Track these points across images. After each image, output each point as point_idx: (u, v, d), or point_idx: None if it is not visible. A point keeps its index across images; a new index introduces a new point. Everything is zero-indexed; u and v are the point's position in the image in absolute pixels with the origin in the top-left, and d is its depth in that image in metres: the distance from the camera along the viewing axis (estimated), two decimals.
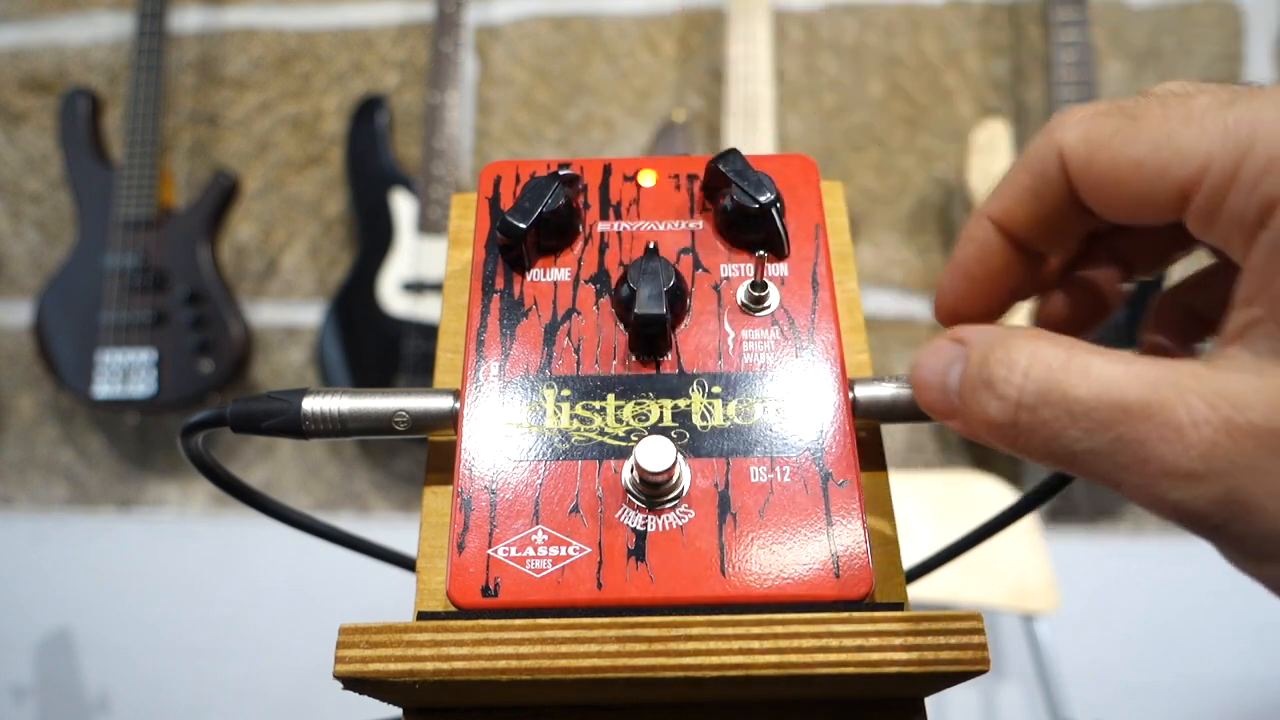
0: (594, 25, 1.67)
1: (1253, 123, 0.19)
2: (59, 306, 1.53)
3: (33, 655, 1.55)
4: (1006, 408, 0.22)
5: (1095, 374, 0.20)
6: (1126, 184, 0.21)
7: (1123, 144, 0.21)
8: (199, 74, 1.72)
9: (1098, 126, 0.21)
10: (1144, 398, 0.19)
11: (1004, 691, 1.43)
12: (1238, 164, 0.19)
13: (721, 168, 0.31)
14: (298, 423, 0.29)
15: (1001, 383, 0.22)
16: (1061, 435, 0.20)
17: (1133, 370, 0.19)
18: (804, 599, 0.25)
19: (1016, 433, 0.22)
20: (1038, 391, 0.21)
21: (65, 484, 1.66)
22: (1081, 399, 0.20)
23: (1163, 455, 0.18)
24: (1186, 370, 0.19)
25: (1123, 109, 0.21)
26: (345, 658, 0.24)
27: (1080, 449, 0.20)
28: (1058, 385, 0.20)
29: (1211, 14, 1.57)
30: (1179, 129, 0.20)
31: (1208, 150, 0.19)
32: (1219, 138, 0.19)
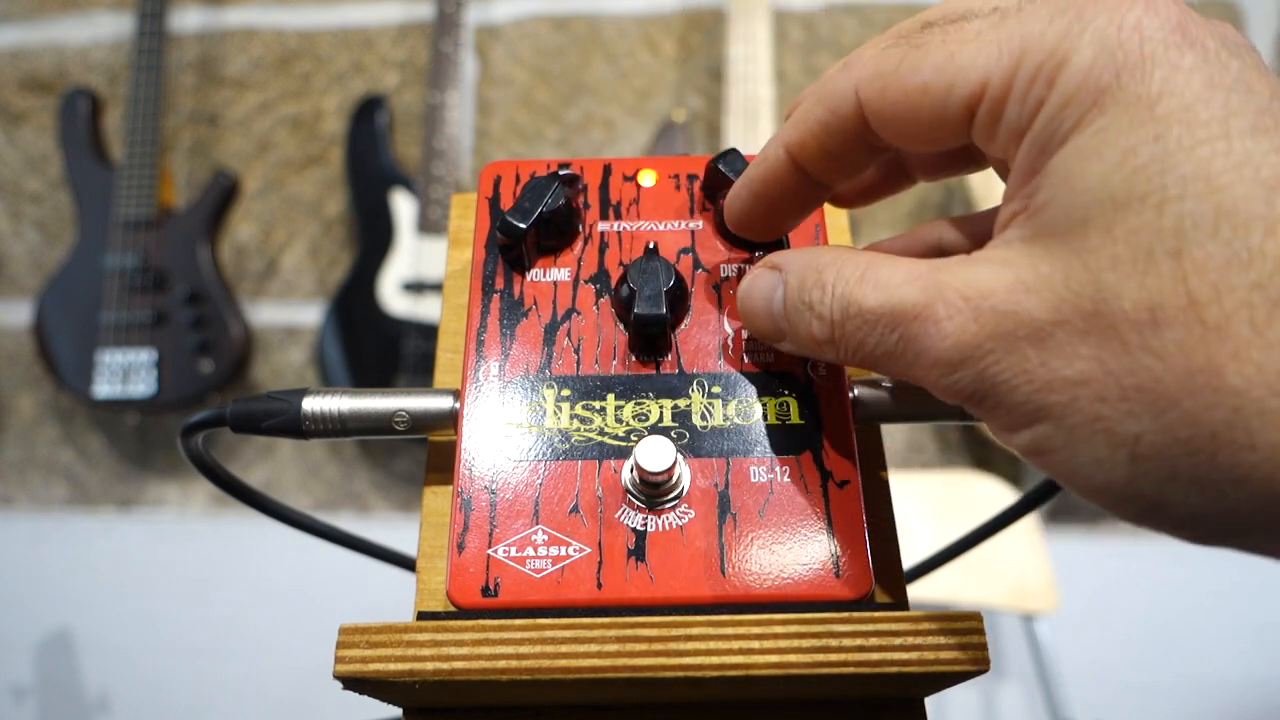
0: (594, 25, 1.67)
1: (1023, 36, 0.20)
2: (59, 306, 1.53)
3: (33, 655, 1.55)
4: (825, 326, 0.24)
5: (882, 283, 0.22)
6: (917, 110, 0.22)
7: (909, 71, 0.22)
8: (199, 74, 1.72)
9: (885, 58, 0.22)
10: (914, 299, 0.21)
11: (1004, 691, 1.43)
12: (1012, 75, 0.20)
13: (721, 168, 0.31)
14: (298, 423, 0.29)
15: (818, 304, 0.24)
16: (865, 342, 0.22)
17: (910, 274, 0.21)
18: (804, 599, 0.25)
19: (835, 346, 0.24)
20: (843, 307, 0.23)
21: (65, 484, 1.66)
22: (873, 308, 0.22)
23: (929, 348, 0.21)
24: (949, 268, 0.21)
25: (908, 38, 0.22)
26: (345, 658, 0.24)
27: (880, 352, 0.22)
28: (855, 299, 0.22)
29: (1211, 14, 1.57)
30: (959, 50, 0.21)
31: (985, 66, 0.20)
32: (995, 53, 0.20)
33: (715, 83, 1.61)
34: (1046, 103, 0.19)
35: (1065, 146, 0.19)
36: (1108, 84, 0.19)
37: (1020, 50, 0.20)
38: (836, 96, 0.23)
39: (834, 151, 0.25)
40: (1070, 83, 0.19)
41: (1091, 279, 0.18)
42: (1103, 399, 0.18)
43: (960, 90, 0.21)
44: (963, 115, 0.21)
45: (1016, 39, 0.20)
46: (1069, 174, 0.19)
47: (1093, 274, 0.18)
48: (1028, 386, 0.19)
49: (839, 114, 0.23)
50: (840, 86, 0.23)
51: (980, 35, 0.21)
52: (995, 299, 0.19)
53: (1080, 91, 0.19)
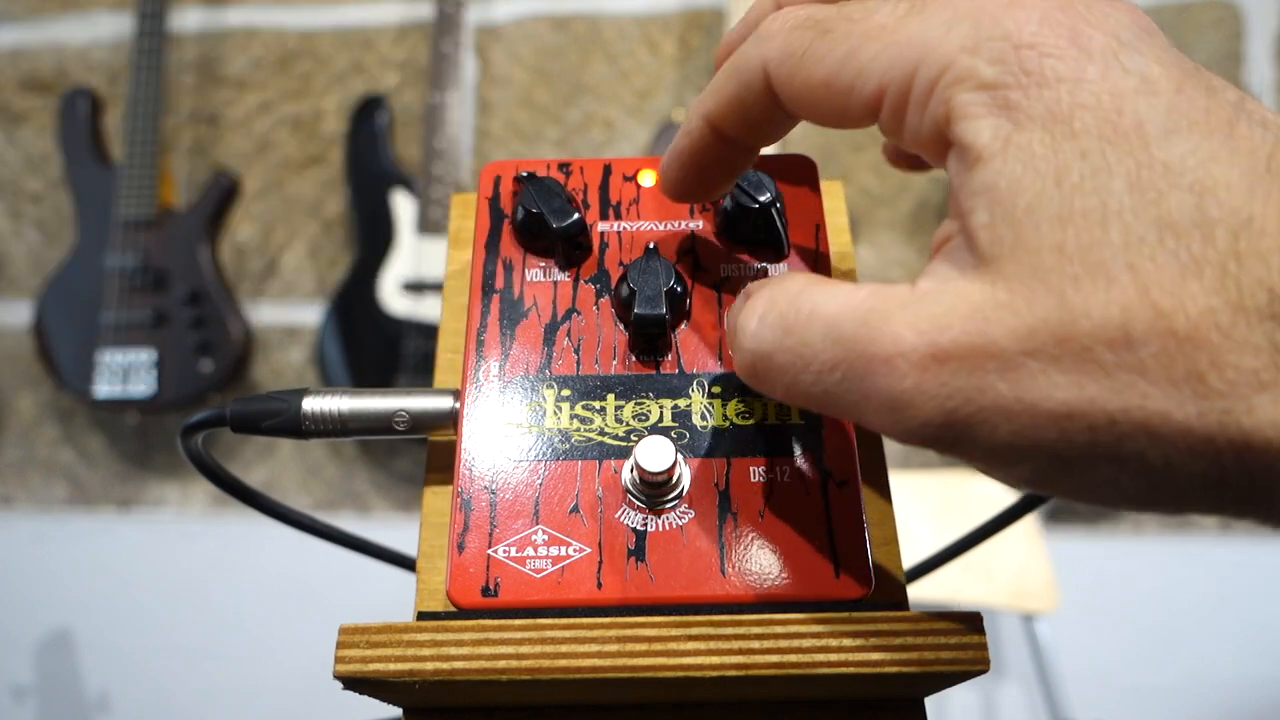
0: (594, 25, 1.67)
1: (921, 42, 0.19)
2: (59, 306, 1.53)
3: (33, 655, 1.55)
4: (743, 357, 0.22)
5: (820, 312, 0.20)
6: (820, 101, 0.22)
7: (814, 62, 0.21)
8: (199, 74, 1.72)
9: (794, 41, 0.22)
10: (857, 333, 0.19)
11: (1004, 691, 1.43)
12: (908, 84, 0.20)
13: None
14: (297, 423, 0.29)
15: (742, 331, 0.22)
16: (798, 380, 0.21)
17: (851, 303, 0.20)
18: (804, 599, 0.25)
19: (758, 380, 0.22)
20: (772, 339, 0.21)
21: (65, 484, 1.66)
22: (808, 342, 0.20)
23: (881, 389, 0.19)
24: (896, 296, 0.19)
25: (817, 22, 0.22)
26: (345, 658, 0.24)
27: (816, 391, 0.20)
28: (789, 331, 0.21)
29: (1211, 14, 1.57)
30: (860, 45, 0.20)
31: (883, 71, 0.20)
32: (892, 57, 0.20)
33: None
34: (954, 120, 0.19)
35: (989, 166, 0.18)
36: (1017, 101, 0.18)
37: (917, 58, 0.19)
38: (748, 71, 0.23)
39: (752, 120, 0.24)
40: (973, 100, 0.19)
41: (1055, 302, 0.17)
42: (1093, 428, 0.17)
43: (860, 92, 0.21)
44: (865, 113, 0.21)
45: (915, 44, 0.20)
46: (1002, 195, 0.18)
47: (1055, 296, 0.17)
48: (1007, 425, 0.18)
49: (751, 88, 0.23)
50: (751, 61, 0.23)
51: (883, 32, 0.20)
52: (953, 331, 0.18)
53: (987, 108, 0.19)
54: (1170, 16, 1.57)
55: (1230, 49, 1.56)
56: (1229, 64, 1.56)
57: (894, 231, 1.59)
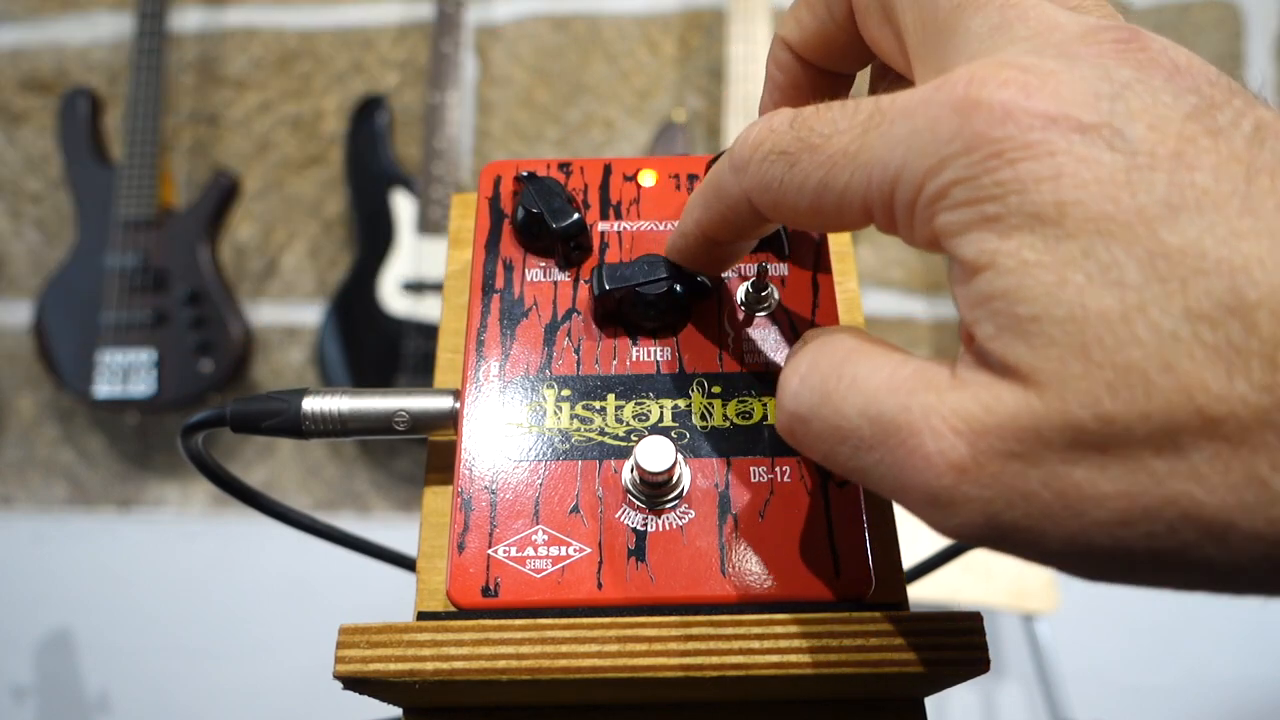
0: (594, 25, 1.67)
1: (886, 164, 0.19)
2: (59, 306, 1.53)
3: (33, 655, 1.55)
4: (783, 417, 0.22)
5: (860, 386, 0.19)
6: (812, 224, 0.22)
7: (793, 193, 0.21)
8: (199, 74, 1.72)
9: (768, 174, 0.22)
10: (897, 419, 0.18)
11: (1004, 691, 1.43)
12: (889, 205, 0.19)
13: None
14: (297, 423, 0.29)
15: (782, 388, 0.22)
16: (835, 452, 0.20)
17: (893, 382, 0.19)
18: (804, 599, 0.25)
19: (796, 443, 0.21)
20: (810, 404, 0.21)
21: (65, 484, 1.66)
22: (846, 415, 0.19)
23: (920, 483, 0.18)
24: (935, 385, 0.18)
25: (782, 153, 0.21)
26: (345, 658, 0.24)
27: (852, 466, 0.20)
28: (828, 398, 0.20)
29: (1211, 14, 1.57)
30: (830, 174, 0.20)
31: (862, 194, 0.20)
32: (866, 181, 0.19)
33: (715, 83, 1.61)
34: (941, 237, 0.18)
35: (982, 278, 0.17)
36: (996, 213, 0.17)
37: (889, 180, 0.19)
38: (732, 199, 0.23)
39: (745, 232, 0.25)
40: (953, 218, 0.18)
41: (1092, 412, 0.16)
42: (1151, 535, 0.16)
43: (848, 214, 0.20)
44: (859, 225, 0.21)
45: (881, 166, 0.19)
46: (1000, 307, 0.17)
47: (1091, 405, 0.16)
48: (1057, 532, 0.17)
49: (739, 213, 0.24)
50: (733, 192, 0.23)
51: (847, 158, 0.20)
52: (992, 437, 0.17)
53: (969, 224, 0.17)
54: (1170, 16, 1.57)
55: (1230, 49, 1.56)
56: (1229, 64, 1.56)
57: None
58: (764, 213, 0.23)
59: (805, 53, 0.25)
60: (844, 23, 0.24)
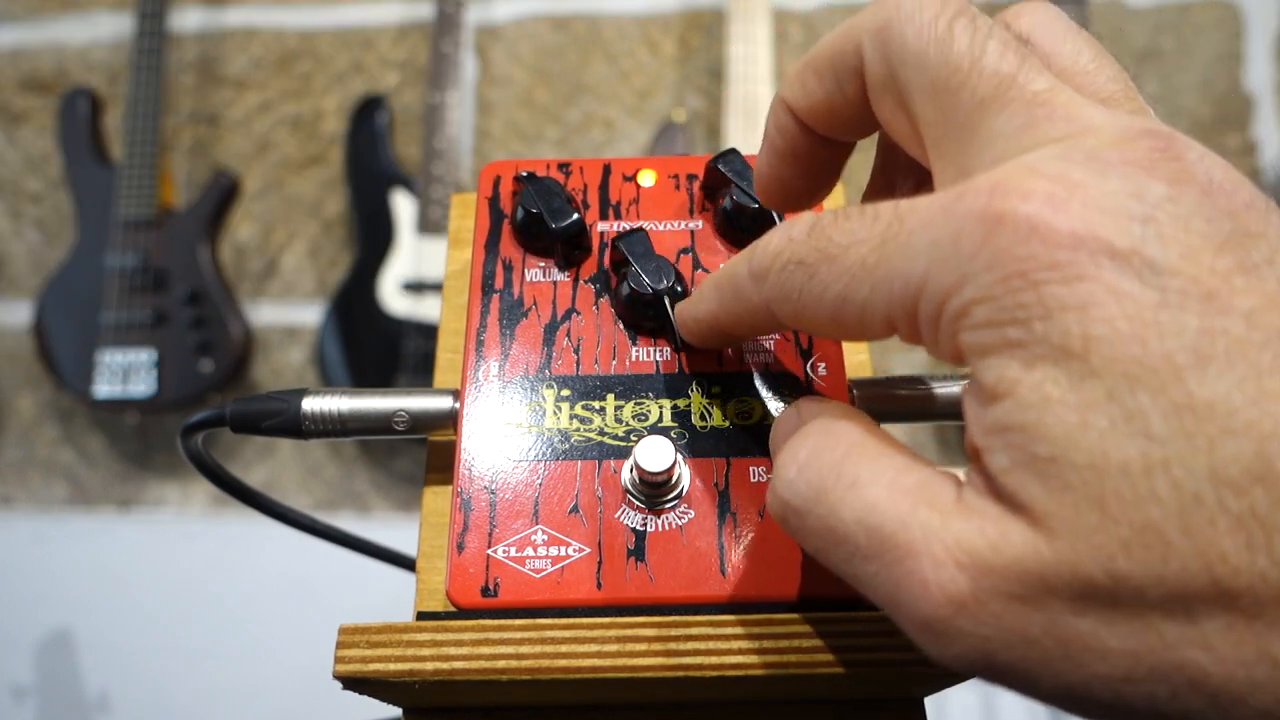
0: (594, 25, 1.67)
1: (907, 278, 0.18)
2: (59, 306, 1.53)
3: (33, 655, 1.55)
4: (776, 503, 0.21)
5: (860, 490, 0.19)
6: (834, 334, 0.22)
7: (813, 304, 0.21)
8: (199, 74, 1.72)
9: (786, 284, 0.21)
10: (896, 535, 0.18)
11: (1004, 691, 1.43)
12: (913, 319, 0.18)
13: (721, 168, 0.31)
14: (297, 423, 0.29)
15: (778, 475, 0.21)
16: (828, 552, 0.19)
17: (894, 494, 0.18)
18: (804, 599, 0.25)
19: (789, 531, 0.21)
20: (806, 499, 0.20)
21: (65, 484, 1.66)
22: (843, 519, 0.19)
23: (915, 609, 0.17)
24: (939, 505, 0.18)
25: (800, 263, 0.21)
26: (345, 658, 0.24)
27: (845, 570, 0.19)
28: (825, 496, 0.19)
29: (1211, 14, 1.57)
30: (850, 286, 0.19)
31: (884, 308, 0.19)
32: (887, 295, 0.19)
33: (715, 83, 1.61)
34: (964, 356, 0.17)
35: (1001, 404, 0.17)
36: (1020, 339, 0.16)
37: (911, 295, 0.18)
38: (750, 305, 0.23)
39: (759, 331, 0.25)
40: (976, 339, 0.17)
41: (1105, 568, 0.15)
42: (1153, 696, 0.16)
43: (870, 326, 0.19)
44: (883, 334, 0.20)
45: (902, 279, 0.18)
46: (1018, 440, 0.16)
47: (1103, 561, 0.15)
48: (1053, 679, 0.17)
49: (756, 316, 0.23)
50: (753, 299, 0.22)
51: (866, 270, 0.19)
52: (995, 577, 0.16)
53: (991, 348, 0.17)
54: (1170, 17, 1.57)
55: (1230, 49, 1.56)
56: (1229, 64, 1.56)
57: None
58: (784, 322, 0.22)
59: (809, 120, 0.24)
60: (854, 98, 0.23)
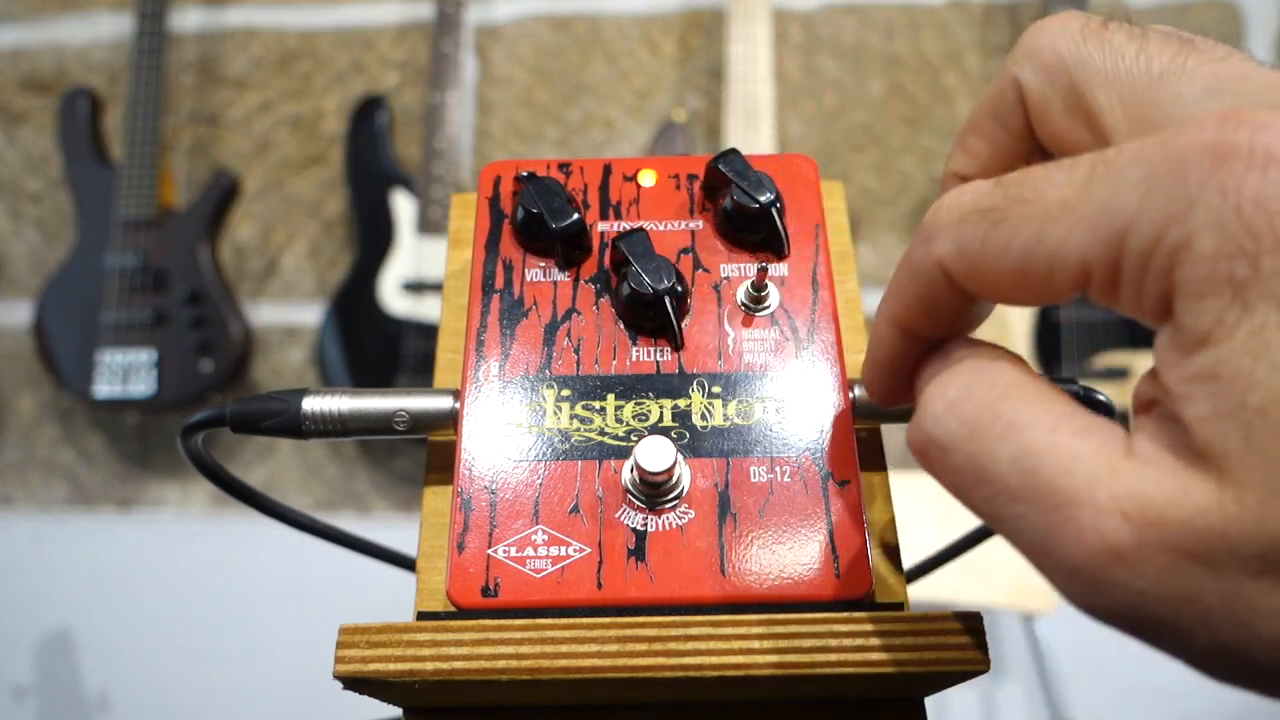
0: (594, 25, 1.67)
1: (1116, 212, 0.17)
2: (59, 306, 1.53)
3: (33, 655, 1.55)
4: (919, 437, 0.20)
5: (1019, 433, 0.18)
6: (1015, 289, 0.20)
7: (996, 253, 0.19)
8: (199, 74, 1.72)
9: (966, 236, 0.20)
10: (1056, 481, 0.17)
11: (1004, 691, 1.43)
12: (1117, 261, 0.17)
13: (721, 168, 0.31)
14: (297, 423, 0.29)
15: (924, 410, 0.20)
16: (971, 489, 0.19)
17: (1056, 440, 0.18)
18: (804, 599, 0.25)
19: (927, 466, 0.20)
20: (957, 435, 0.19)
21: (65, 484, 1.66)
22: (996, 459, 0.18)
23: (1066, 553, 0.17)
24: (1106, 454, 0.17)
25: (984, 211, 0.20)
26: (345, 658, 0.24)
27: (987, 510, 0.19)
28: (979, 435, 0.19)
29: (1211, 14, 1.57)
30: (1043, 228, 0.18)
31: (1082, 250, 0.18)
32: (1088, 234, 0.18)
33: (715, 83, 1.61)
34: (1172, 294, 0.17)
35: (1213, 352, 0.16)
36: (1244, 277, 0.15)
37: (1119, 231, 0.17)
38: (925, 274, 0.21)
39: (943, 317, 0.22)
40: (1194, 274, 0.16)
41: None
42: None
43: (1060, 275, 0.18)
44: (1070, 291, 0.19)
45: (1111, 216, 0.17)
46: (1227, 388, 0.16)
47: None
48: (1208, 634, 0.16)
49: (933, 286, 0.21)
50: (926, 264, 0.21)
51: (1066, 208, 0.18)
52: (1168, 529, 0.16)
53: (1210, 285, 0.16)
54: (1170, 17, 1.58)
55: None
56: None
57: (894, 231, 1.59)
58: (960, 281, 0.21)
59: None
60: (1021, 132, 0.22)
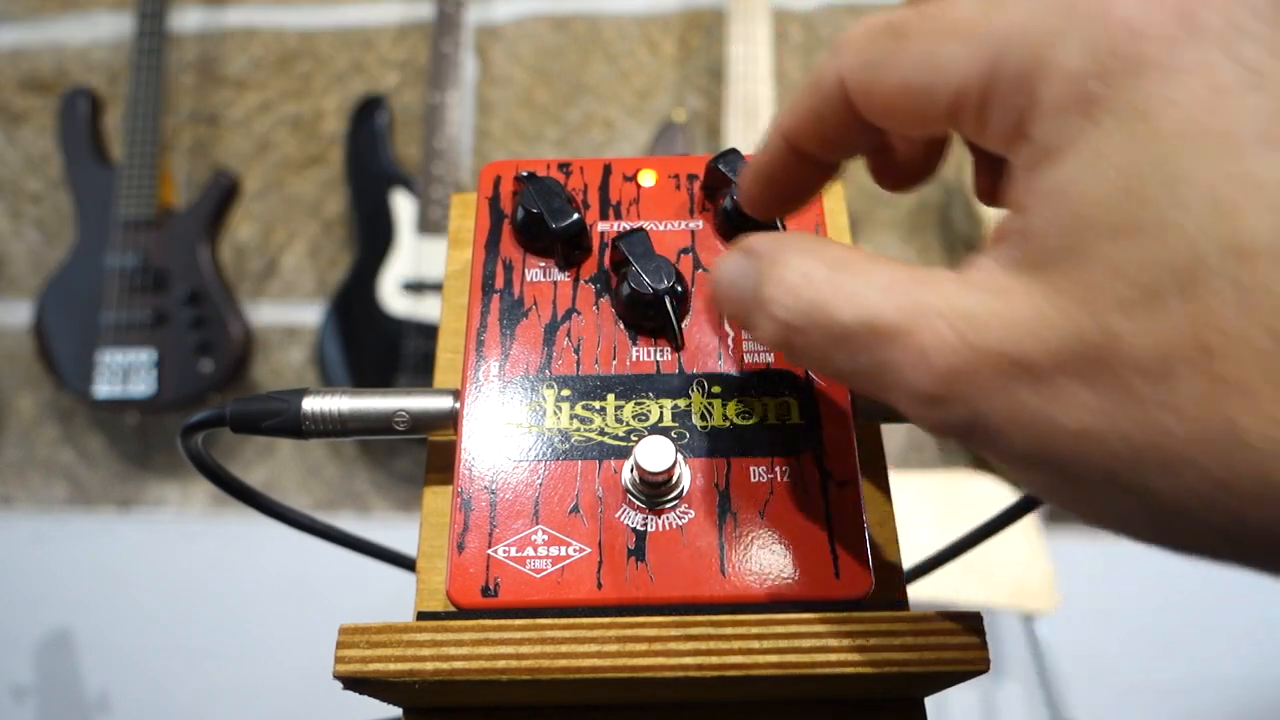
0: (594, 25, 1.67)
1: (1005, 31, 0.18)
2: (59, 306, 1.53)
3: (33, 655, 1.55)
4: (778, 329, 0.21)
5: (856, 295, 0.20)
6: (897, 106, 0.21)
7: (890, 68, 0.20)
8: (199, 74, 1.72)
9: (871, 49, 0.21)
10: (894, 321, 0.19)
11: (1004, 691, 1.43)
12: (990, 79, 0.18)
13: (721, 168, 0.31)
14: (297, 423, 0.29)
15: (772, 303, 0.21)
16: (829, 358, 0.20)
17: (890, 290, 0.19)
18: (804, 599, 0.25)
19: (791, 352, 0.22)
20: (804, 312, 0.21)
21: (65, 484, 1.66)
22: (842, 322, 0.20)
23: (910, 380, 0.18)
24: (937, 288, 0.19)
25: (892, 26, 0.20)
26: (345, 658, 0.24)
27: (847, 370, 0.20)
28: (821, 307, 0.20)
29: None
30: (938, 45, 0.19)
31: (963, 68, 0.19)
32: (974, 53, 0.18)
33: (715, 83, 1.61)
34: (1030, 112, 0.18)
35: (1056, 165, 0.17)
36: (1098, 93, 0.16)
37: (999, 49, 0.18)
38: (824, 85, 0.22)
39: (829, 135, 0.23)
40: (1054, 91, 0.17)
41: (1097, 323, 0.16)
42: (1114, 454, 0.16)
43: (940, 93, 0.19)
44: (945, 115, 0.20)
45: (999, 36, 0.18)
46: (1062, 197, 0.17)
47: (1098, 317, 0.16)
48: (1025, 434, 0.17)
49: (829, 101, 0.22)
50: (827, 75, 0.22)
51: (963, 26, 0.19)
52: (989, 335, 0.17)
53: (1066, 101, 0.17)
54: None
55: None
56: None
57: (894, 231, 1.59)
58: (854, 96, 0.21)
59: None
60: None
